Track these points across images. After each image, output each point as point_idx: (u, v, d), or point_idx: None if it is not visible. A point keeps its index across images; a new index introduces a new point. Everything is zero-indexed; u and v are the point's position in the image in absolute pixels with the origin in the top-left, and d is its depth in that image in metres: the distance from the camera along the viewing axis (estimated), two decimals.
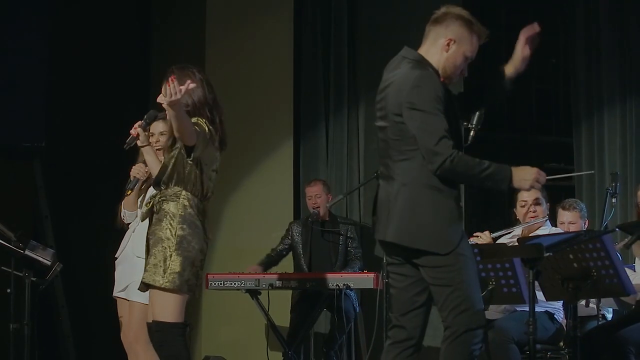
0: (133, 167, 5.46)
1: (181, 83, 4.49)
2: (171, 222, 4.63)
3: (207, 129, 4.69)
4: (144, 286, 4.72)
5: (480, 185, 4.15)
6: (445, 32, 4.18)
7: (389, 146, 4.17)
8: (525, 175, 4.10)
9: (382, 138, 4.22)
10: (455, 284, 4.04)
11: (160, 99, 4.56)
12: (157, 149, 5.36)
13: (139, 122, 5.22)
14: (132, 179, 5.41)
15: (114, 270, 5.53)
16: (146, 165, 5.37)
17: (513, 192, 6.37)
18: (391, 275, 4.29)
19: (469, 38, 4.19)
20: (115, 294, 5.45)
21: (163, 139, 5.39)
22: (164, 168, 4.77)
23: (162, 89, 4.66)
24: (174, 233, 4.62)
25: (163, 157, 5.33)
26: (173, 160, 4.71)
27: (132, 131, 5.27)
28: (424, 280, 4.17)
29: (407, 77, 4.11)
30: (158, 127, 5.42)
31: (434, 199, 4.07)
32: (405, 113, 4.05)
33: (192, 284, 4.65)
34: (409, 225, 4.08)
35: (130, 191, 5.39)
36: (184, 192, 4.67)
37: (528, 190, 4.31)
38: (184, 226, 4.63)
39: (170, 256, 4.60)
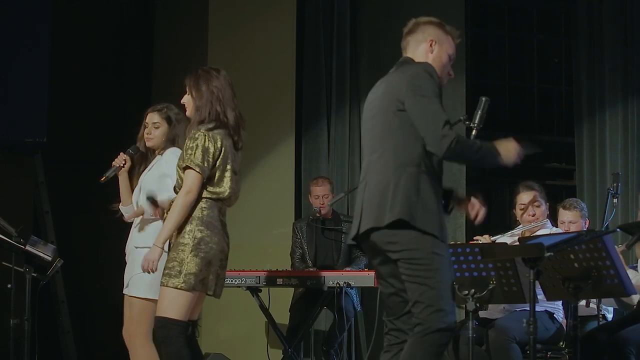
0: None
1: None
2: (190, 225, 4.68)
3: (204, 144, 4.75)
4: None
5: (478, 164, 4.25)
6: (424, 37, 4.32)
7: (376, 141, 4.20)
8: (508, 153, 4.17)
9: (370, 137, 4.25)
10: (432, 284, 4.04)
11: None
12: (148, 139, 5.37)
13: (126, 152, 5.37)
14: (112, 167, 5.40)
15: (117, 267, 5.51)
16: (132, 155, 5.40)
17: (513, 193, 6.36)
18: (379, 279, 4.33)
19: (446, 38, 4.35)
20: (123, 291, 5.44)
21: (156, 132, 5.37)
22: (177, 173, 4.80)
23: (187, 87, 4.79)
24: (192, 236, 4.66)
25: (155, 152, 5.36)
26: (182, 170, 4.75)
27: (116, 161, 5.36)
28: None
29: (404, 72, 4.19)
30: (153, 118, 5.40)
31: (433, 185, 4.10)
32: (408, 99, 4.09)
33: (207, 282, 4.69)
34: (415, 206, 4.04)
35: (105, 177, 5.35)
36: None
37: (514, 165, 4.22)
38: (202, 228, 4.68)
39: (187, 258, 4.64)
